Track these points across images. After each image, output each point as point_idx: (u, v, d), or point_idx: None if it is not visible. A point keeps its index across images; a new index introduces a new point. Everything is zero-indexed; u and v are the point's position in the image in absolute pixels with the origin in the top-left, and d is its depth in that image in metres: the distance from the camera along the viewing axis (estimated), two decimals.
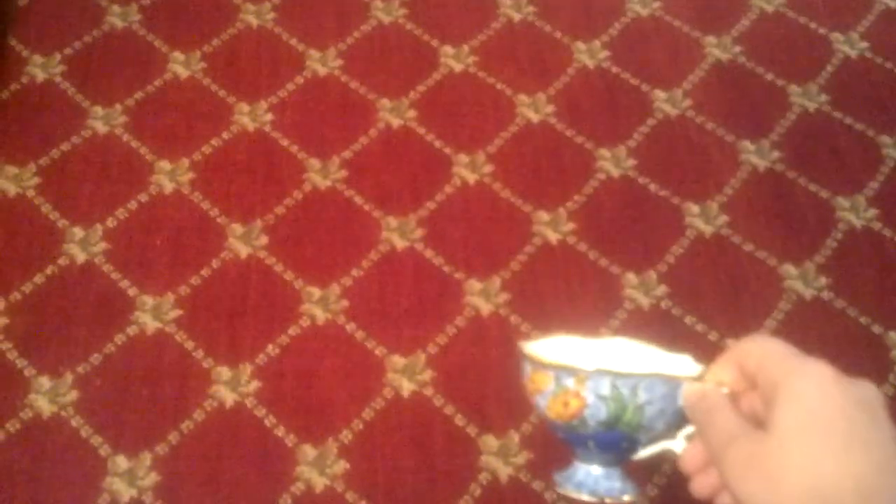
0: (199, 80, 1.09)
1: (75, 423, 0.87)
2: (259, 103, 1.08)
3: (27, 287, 0.94)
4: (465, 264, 0.97)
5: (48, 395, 0.88)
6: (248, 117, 1.06)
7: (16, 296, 0.93)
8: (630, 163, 1.05)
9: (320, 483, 0.85)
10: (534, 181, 1.03)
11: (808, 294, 0.97)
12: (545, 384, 0.52)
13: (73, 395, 0.88)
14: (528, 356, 0.53)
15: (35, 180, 1.01)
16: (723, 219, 1.02)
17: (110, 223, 0.98)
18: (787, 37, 1.17)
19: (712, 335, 0.94)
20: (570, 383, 0.50)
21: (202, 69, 1.10)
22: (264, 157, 1.04)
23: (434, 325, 0.94)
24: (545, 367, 0.52)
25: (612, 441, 0.52)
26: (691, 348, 0.55)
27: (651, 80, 1.12)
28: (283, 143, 1.05)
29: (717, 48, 1.15)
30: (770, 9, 1.19)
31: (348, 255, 0.98)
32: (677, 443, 0.52)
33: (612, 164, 1.05)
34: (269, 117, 1.07)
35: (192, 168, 1.03)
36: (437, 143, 1.06)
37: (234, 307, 0.94)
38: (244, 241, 0.98)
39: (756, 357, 0.46)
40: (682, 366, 0.53)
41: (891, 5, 1.20)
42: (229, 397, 0.89)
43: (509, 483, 0.85)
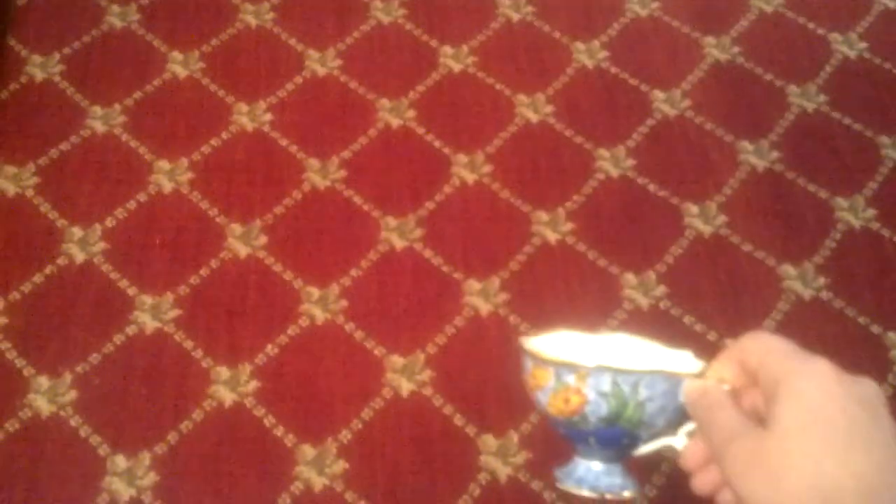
0: (198, 80, 1.09)
1: (74, 422, 0.87)
2: (258, 103, 1.08)
3: (26, 287, 0.94)
4: (465, 264, 0.97)
5: (47, 395, 0.88)
6: (247, 117, 1.06)
7: (15, 295, 0.93)
8: (629, 163, 1.05)
9: (319, 483, 0.85)
10: (533, 181, 1.03)
11: (806, 294, 0.97)
12: (546, 380, 0.51)
13: (72, 395, 0.88)
14: (529, 352, 0.53)
15: (34, 180, 1.01)
16: (722, 219, 1.02)
17: (109, 223, 0.98)
18: (786, 37, 1.17)
19: (711, 335, 0.94)
20: (571, 380, 0.50)
21: (201, 69, 1.10)
22: (263, 157, 1.04)
23: (433, 325, 0.94)
24: (546, 364, 0.52)
25: (612, 437, 0.52)
26: (690, 348, 0.55)
27: (650, 80, 1.12)
28: (283, 143, 1.05)
29: (716, 48, 1.15)
30: (769, 9, 1.19)
31: (347, 255, 0.98)
32: (678, 439, 0.52)
33: (611, 165, 1.05)
34: (268, 117, 1.07)
35: (192, 168, 1.03)
36: (436, 143, 1.06)
37: (233, 307, 0.94)
38: (243, 240, 0.98)
39: (757, 354, 0.46)
40: (683, 362, 0.53)
41: (890, 6, 1.20)
42: (228, 397, 0.89)
43: (508, 483, 0.85)
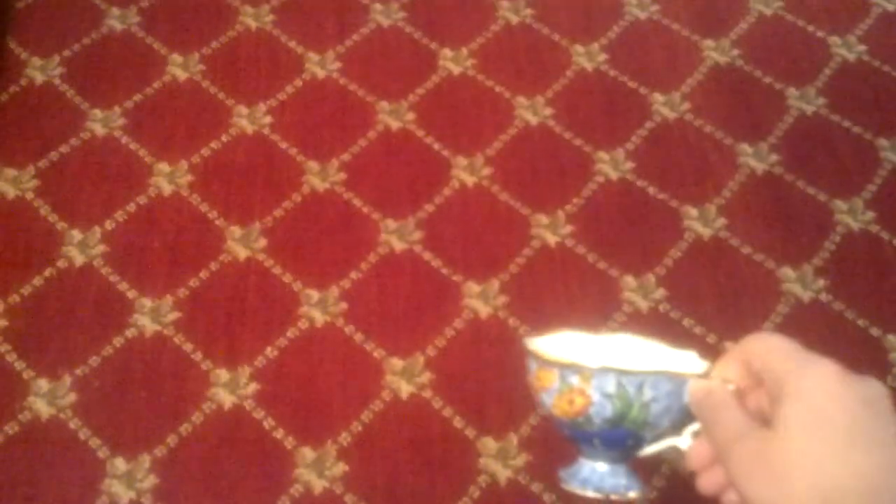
0: (197, 83, 1.09)
1: (74, 425, 0.87)
2: (258, 106, 1.08)
3: (26, 289, 0.94)
4: (464, 267, 0.97)
5: (47, 398, 0.88)
6: (247, 120, 1.06)
7: (14, 298, 0.93)
8: (628, 166, 1.05)
9: (319, 485, 0.85)
10: (532, 184, 1.04)
11: (806, 296, 0.97)
12: (550, 381, 0.51)
13: (71, 398, 0.88)
14: (533, 353, 0.53)
15: (34, 182, 1.01)
16: (721, 221, 1.02)
17: (109, 225, 0.98)
18: (786, 40, 1.17)
19: (711, 338, 0.94)
20: (576, 381, 0.50)
21: (201, 71, 1.10)
22: (263, 160, 1.04)
23: (433, 328, 0.94)
24: (550, 365, 0.51)
25: (617, 438, 0.51)
26: (691, 350, 0.55)
27: (649, 83, 1.12)
28: (282, 145, 1.05)
29: (716, 51, 1.16)
30: (768, 12, 1.19)
31: (347, 257, 0.98)
32: (683, 440, 0.51)
33: (610, 167, 1.05)
34: (267, 120, 1.07)
35: (191, 170, 1.03)
36: (435, 146, 1.06)
37: (232, 309, 0.94)
38: (243, 243, 0.98)
39: (762, 354, 0.46)
40: (687, 362, 0.53)
41: (889, 9, 1.20)
42: (228, 399, 0.89)
43: (508, 485, 0.85)
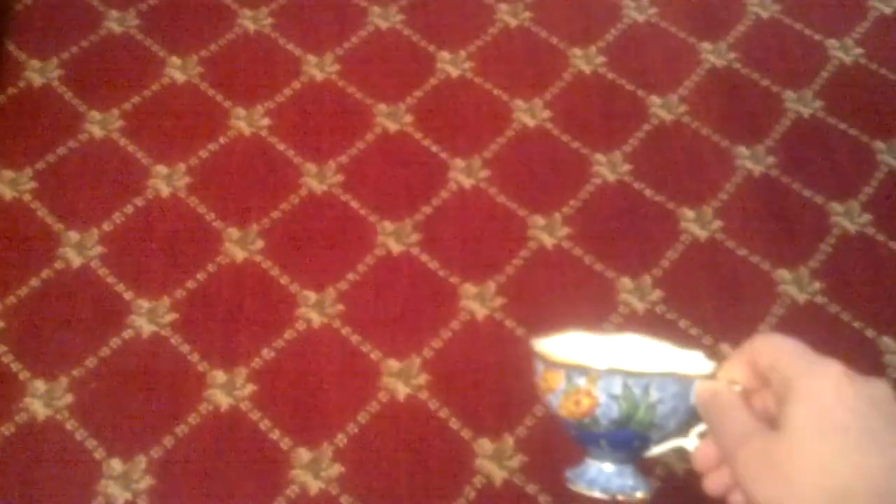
0: (195, 85, 1.10)
1: (70, 426, 0.87)
2: (256, 108, 1.08)
3: (23, 291, 0.94)
4: (461, 268, 0.97)
5: (43, 399, 0.88)
6: (245, 122, 1.07)
7: (11, 299, 0.93)
8: (625, 168, 1.05)
9: (315, 486, 0.85)
10: (530, 186, 1.04)
11: (801, 299, 0.97)
12: (557, 382, 0.51)
13: (68, 399, 0.88)
14: (540, 354, 0.53)
15: (32, 184, 1.01)
16: (717, 224, 1.02)
17: (106, 227, 0.99)
18: (783, 43, 1.18)
19: (707, 339, 0.94)
20: (582, 382, 0.50)
21: (199, 74, 1.10)
22: (261, 162, 1.04)
23: (429, 330, 0.94)
24: (557, 366, 0.51)
25: (623, 439, 0.51)
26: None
27: (647, 85, 1.13)
28: (280, 147, 1.05)
29: (713, 54, 1.16)
30: (765, 15, 1.20)
31: (344, 259, 0.98)
32: (690, 441, 0.51)
33: (607, 169, 1.05)
34: (265, 122, 1.07)
35: (189, 172, 1.03)
36: (433, 148, 1.06)
37: (229, 311, 0.94)
38: (240, 245, 0.98)
39: (769, 355, 0.46)
40: (693, 363, 0.52)
41: (886, 12, 1.21)
42: (224, 401, 0.89)
43: (504, 486, 0.85)
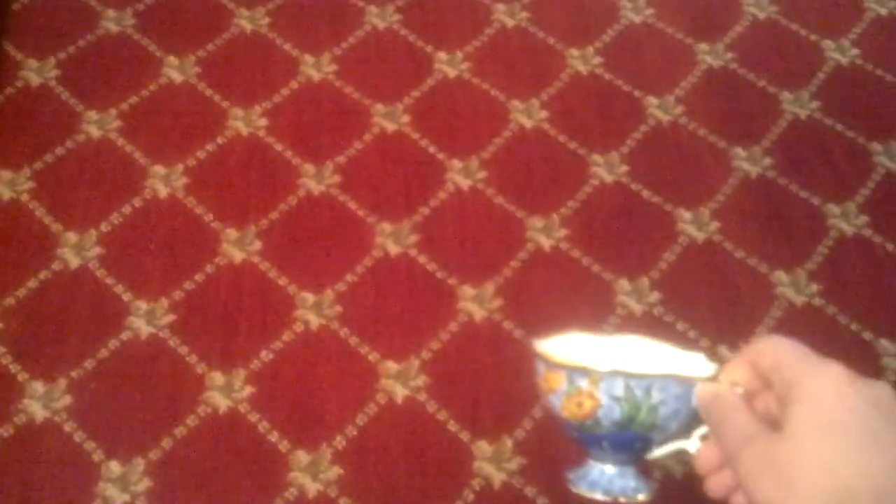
0: (193, 85, 1.09)
1: (68, 428, 0.87)
2: (253, 108, 1.08)
3: (21, 292, 0.94)
4: (459, 270, 0.98)
5: (41, 401, 0.88)
6: (243, 122, 1.07)
7: (9, 300, 0.93)
8: (623, 169, 1.06)
9: (313, 489, 0.85)
10: (527, 187, 1.04)
11: (799, 301, 0.98)
12: (558, 384, 0.51)
13: (66, 401, 0.88)
14: (542, 356, 0.53)
15: (29, 185, 1.01)
16: (715, 225, 1.02)
17: (104, 228, 0.98)
18: (779, 44, 1.18)
19: (704, 341, 0.94)
20: (584, 384, 0.50)
21: (196, 74, 1.10)
22: (259, 162, 1.04)
23: (427, 331, 0.94)
24: (558, 367, 0.51)
25: (625, 441, 0.51)
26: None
27: (644, 86, 1.13)
28: (278, 148, 1.05)
29: (710, 55, 1.16)
30: (762, 16, 1.20)
31: (342, 260, 0.98)
32: (692, 443, 0.51)
33: (605, 171, 1.05)
34: (263, 122, 1.07)
35: (187, 173, 1.03)
36: (431, 149, 1.06)
37: (227, 312, 0.94)
38: (238, 246, 0.98)
39: (771, 357, 0.46)
40: (695, 365, 0.53)
41: (882, 13, 1.21)
42: (223, 403, 0.89)
43: (502, 488, 0.86)
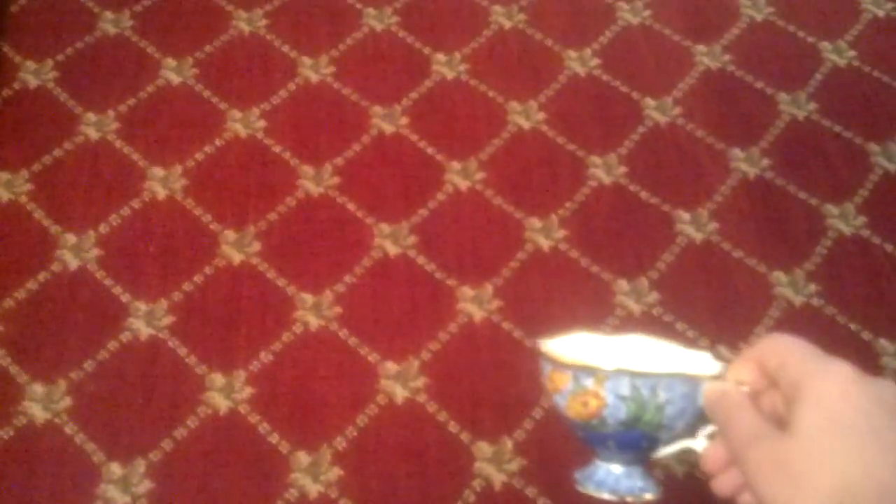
0: (191, 87, 1.09)
1: (69, 429, 0.87)
2: (251, 110, 1.08)
3: (20, 294, 0.94)
4: (458, 271, 0.98)
5: (42, 402, 0.88)
6: (241, 124, 1.07)
7: (8, 302, 0.93)
8: (621, 170, 1.06)
9: (314, 490, 0.85)
10: (526, 188, 1.04)
11: (797, 301, 0.98)
12: (564, 383, 0.51)
13: (66, 402, 0.88)
14: (547, 355, 0.53)
15: (27, 186, 1.01)
16: (713, 226, 1.02)
17: (103, 229, 0.98)
18: (777, 45, 1.18)
19: (703, 341, 0.94)
20: (590, 383, 0.50)
21: (194, 75, 1.10)
22: (257, 164, 1.04)
23: (427, 332, 0.94)
24: (564, 367, 0.51)
25: (632, 440, 0.51)
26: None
27: (641, 87, 1.13)
28: (276, 149, 1.05)
29: (707, 56, 1.16)
30: (759, 18, 1.20)
31: (341, 261, 0.98)
32: (698, 442, 0.51)
33: (603, 172, 1.06)
34: (261, 124, 1.07)
35: (185, 174, 1.03)
36: (429, 150, 1.06)
37: (227, 314, 0.94)
38: (237, 247, 0.98)
39: (777, 356, 0.46)
40: (701, 363, 0.52)
41: (878, 14, 1.21)
42: (223, 404, 0.89)
43: (503, 489, 0.86)
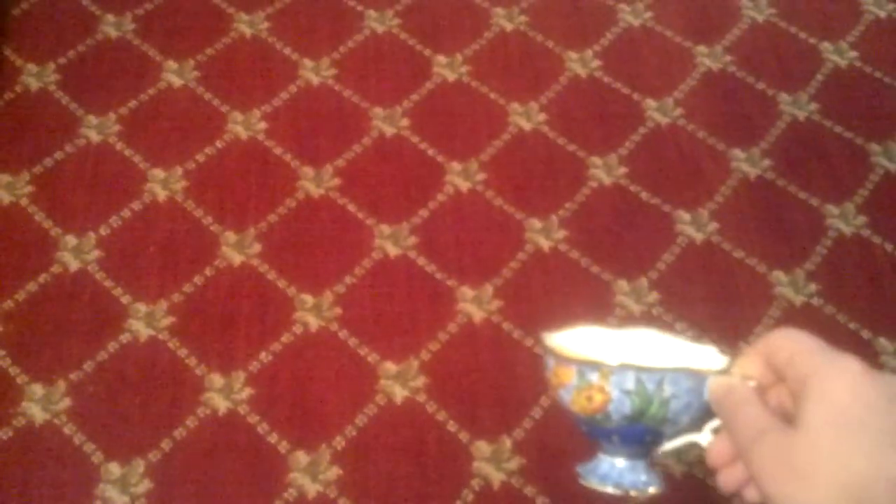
0: (192, 89, 1.10)
1: (68, 430, 0.87)
2: (252, 112, 1.08)
3: (20, 295, 0.94)
4: (458, 271, 0.98)
5: (41, 403, 0.88)
6: (242, 126, 1.07)
7: (9, 304, 0.93)
8: (621, 171, 1.06)
9: (313, 489, 0.85)
10: (526, 189, 1.04)
11: (797, 300, 0.98)
12: (568, 378, 0.50)
13: (65, 403, 0.88)
14: (551, 349, 0.52)
15: (29, 189, 1.01)
16: (713, 226, 1.02)
17: (103, 231, 0.99)
18: (778, 46, 1.18)
19: (703, 341, 0.94)
20: (594, 378, 0.49)
21: (196, 78, 1.11)
22: (258, 166, 1.04)
23: (427, 332, 0.94)
24: (569, 361, 0.51)
25: (636, 435, 0.51)
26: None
27: (642, 88, 1.13)
28: (277, 151, 1.05)
29: (708, 57, 1.16)
30: (760, 18, 1.20)
31: (341, 262, 0.98)
32: (703, 436, 0.51)
33: (603, 172, 1.05)
34: (262, 126, 1.07)
35: (186, 176, 1.03)
36: (430, 152, 1.06)
37: (227, 315, 0.94)
38: (237, 248, 0.98)
39: (785, 351, 0.46)
40: (707, 358, 0.52)
41: (880, 15, 1.21)
42: (222, 404, 0.89)
43: (501, 488, 0.86)
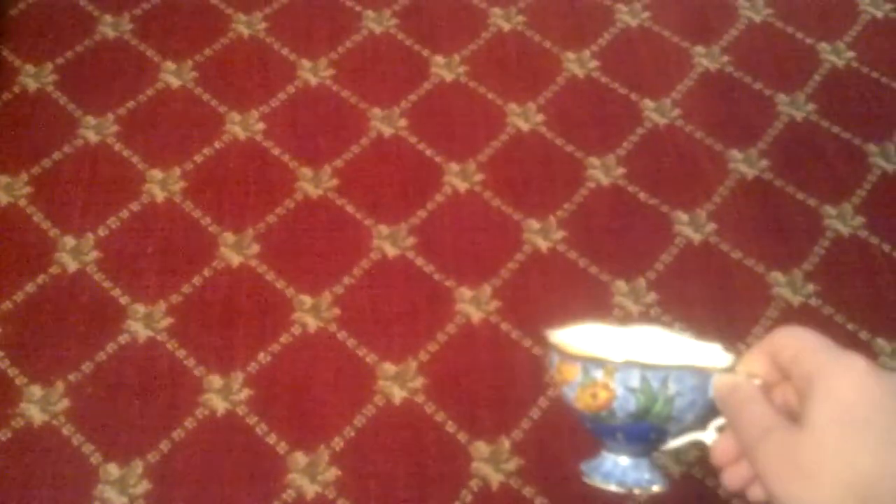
0: (190, 90, 1.10)
1: (66, 431, 0.87)
2: (250, 112, 1.08)
3: (19, 296, 0.94)
4: (456, 272, 0.98)
5: (39, 404, 0.88)
6: (240, 126, 1.07)
7: (7, 305, 0.93)
8: (619, 171, 1.06)
9: (311, 490, 0.85)
10: (524, 190, 1.04)
11: (795, 301, 0.98)
12: (573, 375, 0.50)
13: (64, 404, 0.88)
14: (556, 347, 0.52)
15: (27, 189, 1.01)
16: (711, 227, 1.02)
17: (102, 232, 0.99)
18: (775, 46, 1.18)
19: (707, 340, 0.94)
20: (599, 375, 0.49)
21: (194, 79, 1.11)
22: (256, 166, 1.04)
23: (425, 333, 0.94)
24: (573, 358, 0.51)
25: (640, 432, 0.51)
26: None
27: (640, 89, 1.13)
28: (275, 152, 1.05)
29: (706, 58, 1.16)
30: (758, 19, 1.20)
31: (340, 263, 0.98)
32: (708, 434, 0.51)
33: (601, 173, 1.06)
34: (260, 126, 1.07)
35: (184, 177, 1.03)
36: (428, 152, 1.06)
37: (225, 315, 0.94)
38: (236, 249, 0.98)
39: (791, 349, 0.46)
40: (712, 355, 0.52)
41: (877, 15, 1.21)
42: (221, 405, 0.89)
43: (500, 489, 0.86)
